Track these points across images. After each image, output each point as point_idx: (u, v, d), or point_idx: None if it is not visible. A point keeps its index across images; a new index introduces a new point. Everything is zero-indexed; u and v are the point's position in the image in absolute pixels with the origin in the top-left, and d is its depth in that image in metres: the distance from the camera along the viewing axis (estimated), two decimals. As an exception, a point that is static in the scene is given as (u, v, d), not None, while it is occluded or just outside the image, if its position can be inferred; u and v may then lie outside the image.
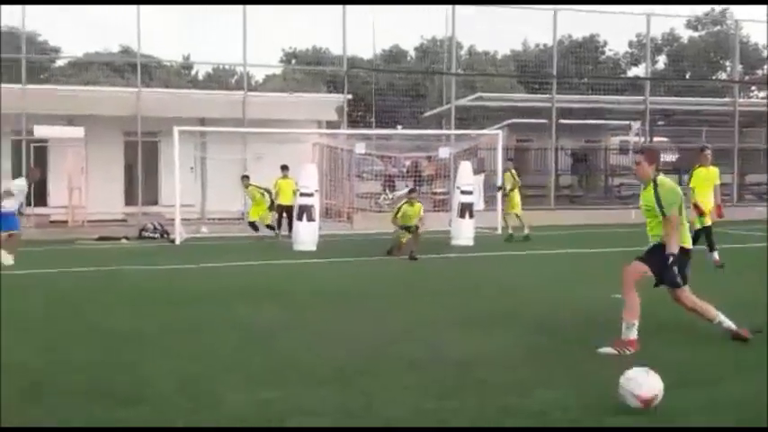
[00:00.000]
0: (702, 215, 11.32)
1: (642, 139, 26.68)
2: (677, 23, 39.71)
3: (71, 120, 20.82)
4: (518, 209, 17.78)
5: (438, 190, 23.67)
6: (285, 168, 18.38)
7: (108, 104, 21.20)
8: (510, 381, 5.15)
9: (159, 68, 36.75)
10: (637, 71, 41.69)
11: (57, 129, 20.16)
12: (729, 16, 39.35)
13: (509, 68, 39.68)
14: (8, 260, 12.79)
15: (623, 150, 29.48)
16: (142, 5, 21.10)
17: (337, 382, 5.16)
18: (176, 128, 17.72)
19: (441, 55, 30.03)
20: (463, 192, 16.86)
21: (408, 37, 48.16)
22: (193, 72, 44.83)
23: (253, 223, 18.18)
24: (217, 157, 21.20)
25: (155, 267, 12.51)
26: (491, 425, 4.30)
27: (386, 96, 29.94)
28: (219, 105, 22.56)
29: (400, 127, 27.29)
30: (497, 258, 13.83)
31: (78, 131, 20.08)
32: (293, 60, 45.07)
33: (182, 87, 33.97)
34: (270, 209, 18.26)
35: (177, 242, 17.00)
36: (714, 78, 37.85)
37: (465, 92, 27.31)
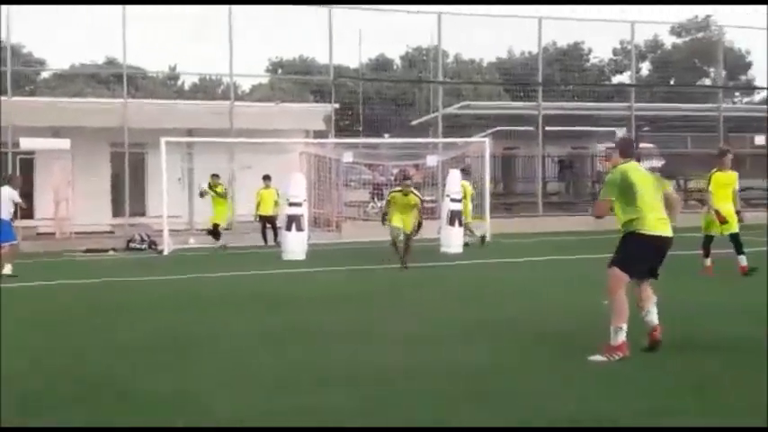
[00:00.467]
0: (725, 223, 10.85)
1: (628, 146, 26.76)
2: (661, 30, 40.09)
3: (57, 132, 20.72)
4: (469, 217, 17.79)
5: (426, 198, 23.68)
6: (267, 178, 18.42)
7: (94, 116, 21.10)
8: (527, 391, 5.14)
9: (145, 79, 36.69)
10: (621, 78, 41.99)
11: (43, 141, 20.05)
12: (713, 22, 39.70)
13: (495, 76, 39.85)
14: (8, 270, 12.72)
15: (609, 157, 29.62)
16: (128, 6, 21.00)
17: (345, 390, 5.13)
18: (163, 139, 17.67)
19: (427, 63, 30.15)
20: (452, 200, 16.89)
21: (395, 45, 48.29)
22: (179, 82, 44.74)
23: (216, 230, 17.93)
24: (204, 168, 21.12)
25: (144, 278, 12.45)
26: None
27: (373, 105, 30.03)
28: (206, 116, 22.50)
29: (388, 135, 27.35)
30: (488, 266, 13.86)
31: (64, 143, 19.97)
32: (279, 70, 45.09)
33: (168, 98, 33.90)
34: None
35: (165, 253, 16.93)
36: (698, 84, 38.16)
37: (452, 100, 27.41)
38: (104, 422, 4.53)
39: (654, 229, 6.14)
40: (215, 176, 18.33)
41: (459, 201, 17.05)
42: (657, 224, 6.19)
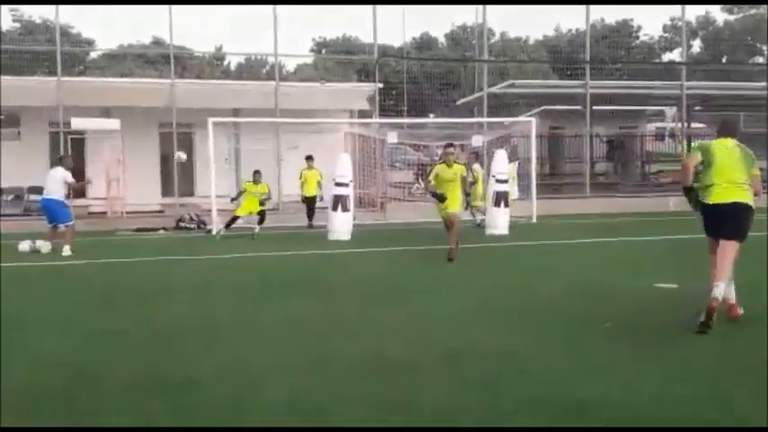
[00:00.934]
0: None
1: (679, 125, 26.30)
2: (712, 7, 39.06)
3: (107, 111, 21.08)
4: (478, 201, 17.67)
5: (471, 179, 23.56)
6: (310, 159, 18.38)
7: (143, 96, 21.42)
8: (550, 373, 5.13)
9: (192, 60, 37.04)
10: (671, 56, 41.10)
11: (93, 121, 20.41)
12: (767, -2, 38.51)
13: (541, 54, 39.32)
14: (67, 251, 13.05)
15: (659, 137, 29.09)
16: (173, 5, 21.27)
17: (377, 373, 5.17)
18: (210, 119, 17.84)
19: (472, 42, 29.87)
20: (498, 180, 16.76)
21: (439, 24, 47.91)
22: (225, 63, 45.08)
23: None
24: (250, 148, 21.32)
25: (194, 258, 12.63)
26: (531, 416, 4.27)
27: (417, 85, 29.86)
28: (252, 96, 22.68)
29: (432, 115, 27.22)
30: (534, 248, 13.74)
31: (114, 123, 20.30)
32: (324, 49, 45.11)
33: (214, 78, 34.20)
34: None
35: (214, 233, 17.14)
36: (751, 62, 37.15)
37: (497, 79, 27.13)
38: (149, 401, 4.63)
39: (715, 199, 6.45)
40: (257, 173, 16.99)
41: (504, 182, 16.90)
42: (722, 193, 6.43)
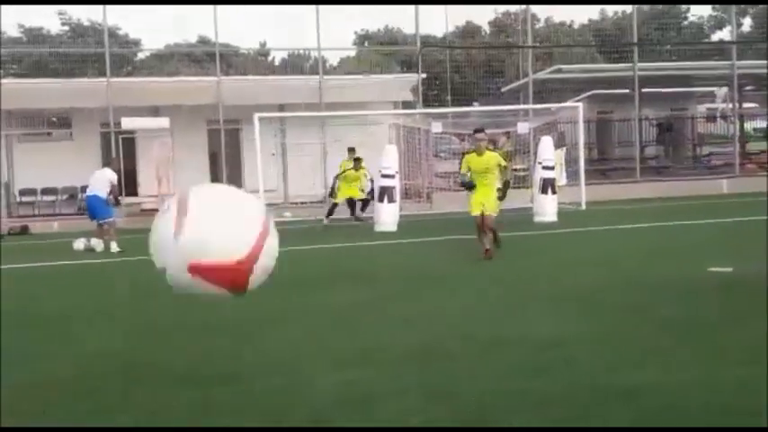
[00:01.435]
0: None
1: (731, 106, 25.64)
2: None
3: (156, 110, 21.45)
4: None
5: (518, 166, 23.36)
6: (352, 151, 18.25)
7: (190, 94, 21.74)
8: (600, 359, 5.05)
9: (237, 57, 37.37)
10: (721, 35, 40.05)
11: (143, 120, 20.81)
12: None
13: (587, 38, 38.70)
14: (113, 247, 13.35)
15: (711, 118, 28.42)
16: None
17: (422, 362, 5.16)
18: (256, 114, 18.02)
19: (516, 28, 29.56)
20: (545, 167, 16.58)
21: (482, 11, 47.49)
22: (270, 59, 45.41)
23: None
24: (296, 142, 21.49)
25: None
26: (580, 404, 4.21)
27: (461, 73, 29.68)
28: (297, 90, 22.84)
29: (477, 104, 27.04)
30: (583, 234, 13.57)
31: (164, 122, 20.66)
32: (366, 42, 45.11)
33: (259, 74, 34.47)
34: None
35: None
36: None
37: (542, 65, 26.84)
38: (199, 393, 4.70)
39: None
40: (355, 157, 17.47)
41: (551, 168, 16.72)
42: None
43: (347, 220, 17.46)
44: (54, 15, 38.47)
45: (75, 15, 37.54)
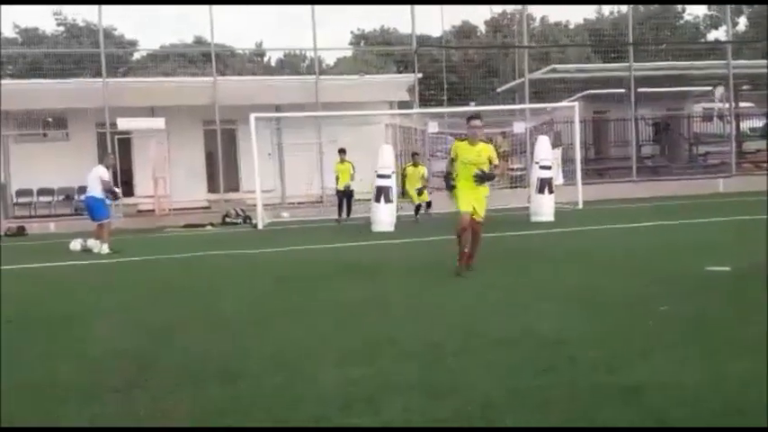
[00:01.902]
0: None
1: (727, 105, 25.70)
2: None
3: (152, 111, 21.41)
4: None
5: (514, 166, 23.40)
6: (342, 152, 18.35)
7: (186, 95, 21.72)
8: (601, 357, 5.04)
9: (233, 57, 37.35)
10: (717, 34, 40.16)
11: (139, 120, 20.77)
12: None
13: (583, 38, 38.76)
14: (104, 249, 13.29)
15: (707, 117, 28.47)
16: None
17: (426, 360, 5.16)
18: (253, 115, 18.01)
19: (512, 28, 29.60)
20: (542, 167, 16.60)
21: (478, 11, 47.56)
22: (266, 59, 45.37)
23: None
24: (293, 142, 21.48)
25: (242, 252, 12.77)
26: (583, 401, 4.21)
27: (457, 73, 29.70)
28: (293, 90, 22.83)
29: (473, 103, 27.04)
30: (580, 233, 13.58)
31: (159, 122, 20.62)
32: (362, 42, 45.11)
33: (255, 75, 34.44)
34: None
35: (260, 227, 17.32)
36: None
37: (539, 64, 26.87)
38: (204, 391, 4.69)
39: None
40: (416, 155, 18.64)
41: (548, 168, 16.74)
42: None
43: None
44: (49, 16, 38.36)
45: (70, 16, 37.46)
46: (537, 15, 41.30)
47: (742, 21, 42.74)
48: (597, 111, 26.84)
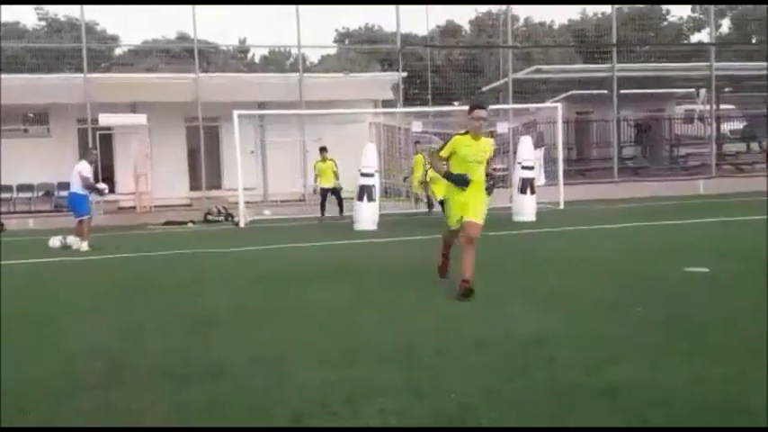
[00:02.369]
0: None
1: (709, 107, 25.90)
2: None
3: (134, 107, 21.27)
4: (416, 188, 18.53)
5: (497, 166, 23.45)
6: (324, 150, 18.32)
7: (168, 91, 21.59)
8: (579, 358, 5.06)
9: (216, 53, 37.16)
10: (700, 36, 40.49)
11: (121, 116, 20.64)
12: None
13: (567, 39, 38.93)
14: (84, 246, 13.19)
15: (688, 119, 28.69)
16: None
17: (405, 361, 5.15)
18: (236, 112, 17.93)
19: (496, 28, 29.65)
20: (524, 167, 16.66)
21: (463, 11, 47.63)
22: (249, 56, 45.18)
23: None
24: (276, 140, 21.42)
25: (223, 250, 12.71)
26: (561, 402, 4.22)
27: (442, 73, 29.73)
28: (276, 88, 22.77)
29: (457, 103, 27.06)
30: (562, 234, 13.64)
31: (141, 118, 20.50)
32: (347, 40, 45.04)
33: (239, 72, 34.30)
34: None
35: (242, 225, 17.26)
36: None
37: (522, 65, 26.93)
38: (180, 391, 4.66)
39: None
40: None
41: (530, 168, 16.80)
42: None
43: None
44: (30, 10, 38.02)
45: (51, 11, 37.15)
46: (521, 16, 41.45)
47: (725, 23, 43.13)
48: (580, 111, 26.97)
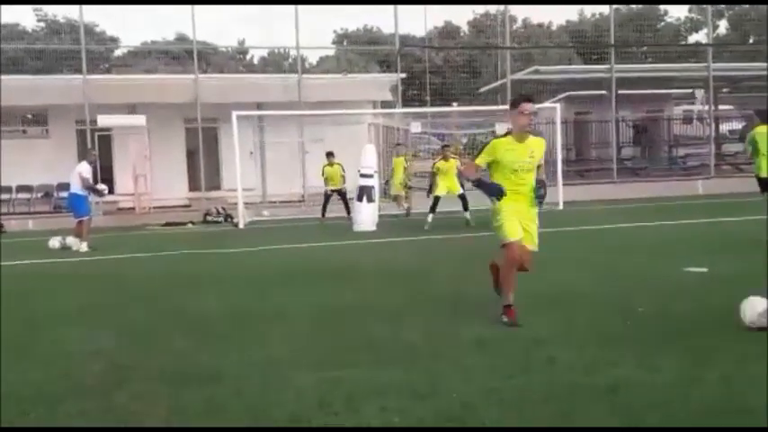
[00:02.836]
0: None
1: (707, 108, 25.94)
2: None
3: (133, 108, 21.28)
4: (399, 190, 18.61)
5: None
6: (331, 155, 18.06)
7: (167, 92, 21.60)
8: (579, 359, 5.08)
9: (215, 55, 37.18)
10: (698, 37, 40.52)
11: (119, 117, 20.65)
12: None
13: (565, 40, 38.98)
14: (83, 247, 13.19)
15: (687, 120, 28.72)
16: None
17: (405, 362, 5.15)
18: (234, 113, 17.94)
19: (495, 29, 29.68)
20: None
21: (461, 12, 47.68)
22: (248, 57, 45.19)
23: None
24: (275, 141, 21.43)
25: (222, 251, 12.72)
26: (561, 402, 4.24)
27: (440, 74, 29.76)
28: (275, 89, 22.78)
29: (456, 104, 27.10)
30: (560, 234, 13.63)
31: (140, 119, 20.51)
32: (345, 41, 45.08)
33: (238, 73, 34.33)
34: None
35: (241, 226, 17.26)
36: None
37: (521, 65, 26.98)
38: (179, 393, 4.67)
39: None
40: (446, 147, 16.98)
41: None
42: None
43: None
44: (30, 11, 38.02)
45: (50, 12, 37.15)
46: (519, 17, 41.51)
47: (722, 24, 43.17)
48: (578, 112, 27.00)
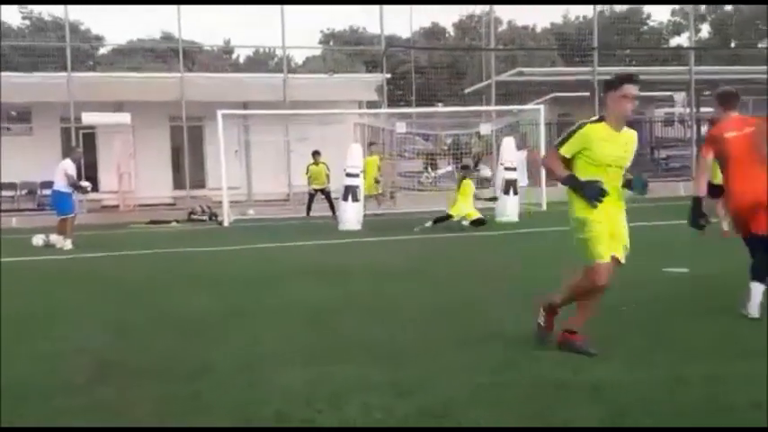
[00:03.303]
0: None
1: (688, 110, 26.22)
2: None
3: (118, 106, 21.21)
4: (371, 191, 18.64)
5: (482, 166, 23.62)
6: (317, 154, 18.37)
7: (152, 90, 21.55)
8: (564, 357, 5.17)
9: (201, 53, 37.09)
10: (680, 40, 40.88)
11: (104, 115, 20.57)
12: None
13: (549, 42, 39.21)
14: (67, 245, 13.17)
15: (668, 122, 28.99)
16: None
17: (390, 359, 5.21)
18: (220, 111, 17.95)
19: (480, 31, 29.83)
20: (507, 168, 16.81)
21: (447, 13, 47.84)
22: (234, 56, 45.10)
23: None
24: (260, 140, 21.44)
25: (207, 249, 12.74)
26: (548, 401, 4.31)
27: (425, 74, 29.86)
28: (261, 88, 22.79)
29: (441, 105, 27.22)
30: (544, 234, 13.78)
31: (125, 117, 20.45)
32: (331, 41, 45.10)
33: (223, 72, 34.26)
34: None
35: (226, 224, 17.27)
36: (760, 46, 36.89)
37: (505, 67, 27.14)
38: (165, 390, 4.72)
39: None
40: (465, 169, 15.97)
41: (513, 169, 16.95)
42: None
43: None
44: (15, 9, 37.75)
45: (36, 10, 36.92)
46: (504, 18, 41.73)
47: (705, 27, 43.59)
48: (562, 113, 27.17)
